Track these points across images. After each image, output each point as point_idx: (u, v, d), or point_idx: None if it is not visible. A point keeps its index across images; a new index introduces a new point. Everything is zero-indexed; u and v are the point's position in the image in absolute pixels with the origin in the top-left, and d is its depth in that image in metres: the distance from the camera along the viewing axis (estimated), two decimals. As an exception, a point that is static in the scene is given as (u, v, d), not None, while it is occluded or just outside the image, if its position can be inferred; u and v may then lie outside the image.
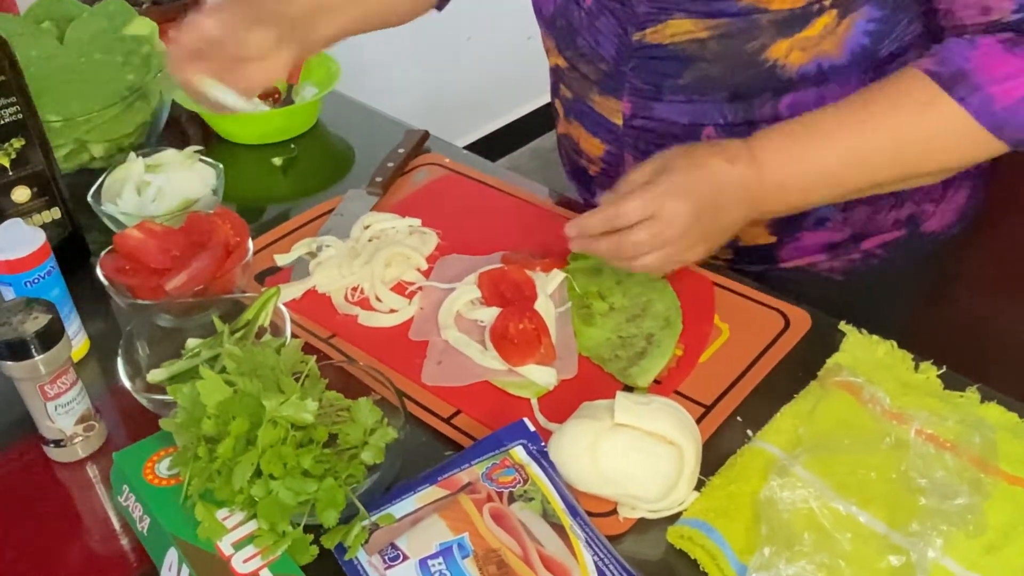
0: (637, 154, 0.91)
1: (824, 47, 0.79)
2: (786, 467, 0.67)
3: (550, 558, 0.60)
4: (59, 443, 0.73)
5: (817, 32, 0.78)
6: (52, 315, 0.68)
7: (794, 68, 0.80)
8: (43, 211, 0.90)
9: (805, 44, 0.78)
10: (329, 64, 1.21)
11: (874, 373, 0.75)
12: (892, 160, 0.74)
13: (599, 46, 0.87)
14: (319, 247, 0.93)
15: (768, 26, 0.78)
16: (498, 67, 2.53)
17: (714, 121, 0.85)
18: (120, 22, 1.13)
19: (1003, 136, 0.71)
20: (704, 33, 0.80)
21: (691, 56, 0.81)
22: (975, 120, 0.71)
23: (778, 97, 0.82)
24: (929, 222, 0.93)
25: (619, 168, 0.94)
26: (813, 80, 0.80)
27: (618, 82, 0.87)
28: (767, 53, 0.79)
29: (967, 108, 0.71)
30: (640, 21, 0.82)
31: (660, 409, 0.67)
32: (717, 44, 0.79)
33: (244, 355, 0.68)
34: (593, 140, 0.94)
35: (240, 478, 0.60)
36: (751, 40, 0.79)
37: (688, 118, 0.85)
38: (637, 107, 0.87)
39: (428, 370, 0.79)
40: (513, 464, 0.66)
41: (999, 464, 0.67)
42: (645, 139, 0.89)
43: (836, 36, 0.78)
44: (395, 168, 1.04)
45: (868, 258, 0.94)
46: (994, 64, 0.70)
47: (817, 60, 0.79)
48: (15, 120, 0.85)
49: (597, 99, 0.91)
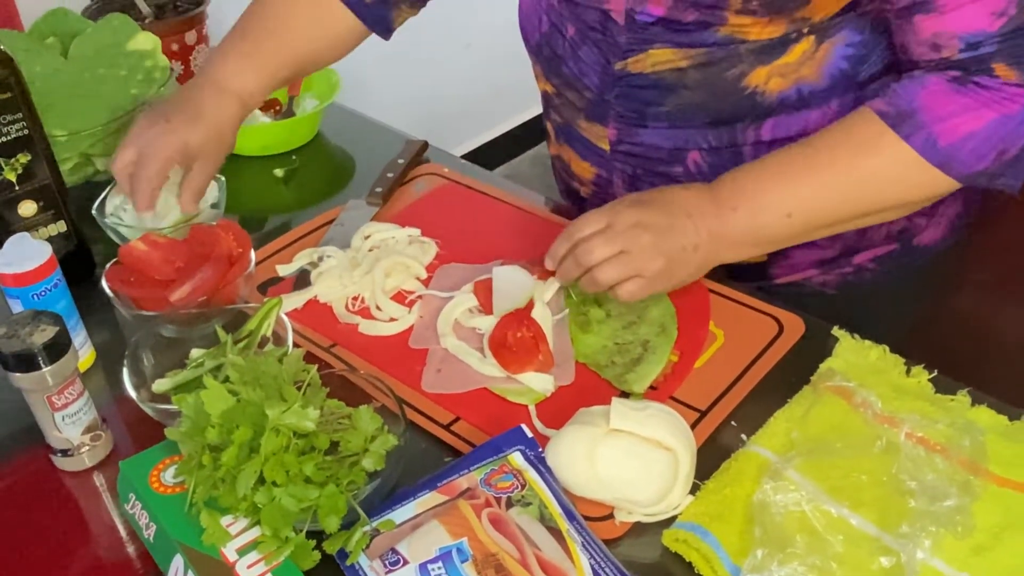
0: (626, 178, 0.92)
1: (803, 73, 0.80)
2: (779, 470, 0.68)
3: (547, 562, 0.61)
4: (66, 452, 0.74)
5: (796, 58, 0.79)
6: (59, 327, 0.69)
7: (774, 94, 0.81)
8: (49, 224, 0.91)
9: (784, 71, 0.80)
10: (330, 76, 1.23)
11: (866, 377, 0.76)
12: (846, 197, 0.76)
13: (583, 75, 0.88)
14: (320, 257, 0.94)
15: (747, 54, 0.79)
16: (497, 75, 2.55)
17: (698, 146, 0.86)
18: (123, 37, 1.14)
19: (950, 172, 0.72)
20: (684, 62, 0.81)
21: (672, 84, 0.82)
22: (922, 157, 0.72)
23: (759, 122, 0.83)
24: (922, 235, 0.94)
25: (609, 190, 0.95)
26: (793, 105, 0.81)
27: (603, 109, 0.88)
28: (747, 80, 0.80)
29: (912, 146, 0.72)
30: (621, 51, 0.83)
31: (656, 415, 0.68)
32: (697, 72, 0.81)
33: (247, 365, 0.69)
34: (583, 163, 0.96)
35: (244, 485, 0.62)
36: (730, 68, 0.80)
37: (672, 143, 0.86)
38: (622, 133, 0.88)
39: (428, 378, 0.80)
40: (511, 470, 0.67)
41: (988, 466, 0.68)
42: (632, 163, 0.90)
43: (815, 62, 0.79)
44: (395, 178, 1.06)
45: (861, 272, 0.95)
46: (939, 103, 0.71)
47: (797, 85, 0.80)
48: (21, 136, 0.86)
49: (584, 125, 0.92)
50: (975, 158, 0.72)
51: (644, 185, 0.91)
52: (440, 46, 2.37)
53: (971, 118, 0.71)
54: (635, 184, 0.92)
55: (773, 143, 0.84)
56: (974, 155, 0.71)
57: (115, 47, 1.13)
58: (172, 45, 1.30)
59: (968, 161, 0.72)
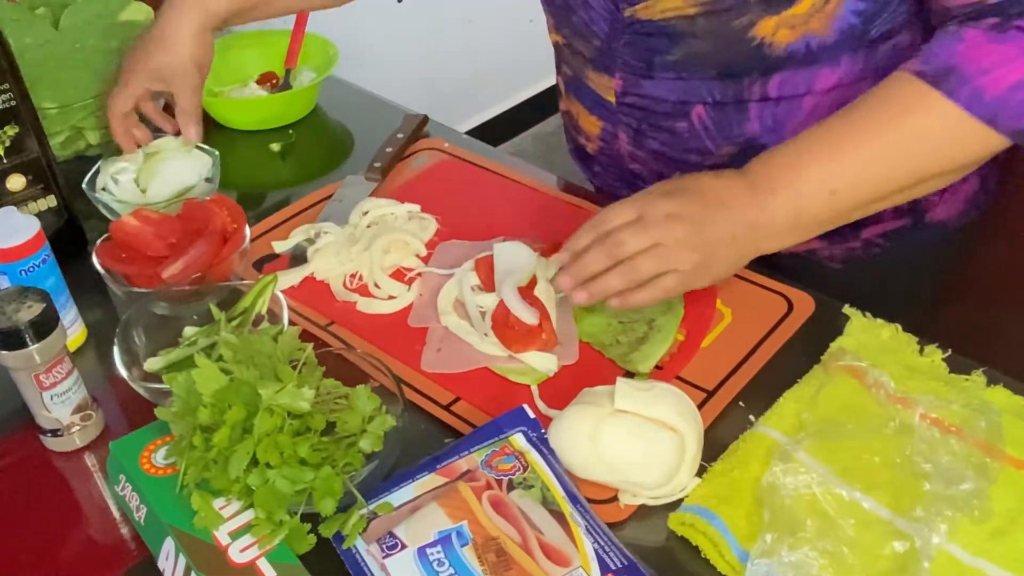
0: (630, 132, 0.90)
1: (812, 26, 0.77)
2: (789, 452, 0.66)
3: (550, 546, 0.59)
4: (56, 433, 0.72)
5: (804, 10, 0.76)
6: (46, 304, 0.67)
7: (782, 46, 0.78)
8: (39, 199, 0.89)
9: (793, 22, 0.77)
10: (327, 48, 1.20)
11: (878, 357, 0.74)
12: (893, 165, 0.72)
13: (592, 23, 0.86)
14: (317, 233, 0.92)
15: (755, 3, 0.77)
16: (500, 50, 2.51)
17: (703, 100, 0.84)
18: (115, 7, 1.12)
19: (997, 126, 0.69)
20: (693, 10, 0.79)
21: (680, 32, 0.80)
22: (968, 113, 0.69)
23: (767, 76, 0.81)
24: (934, 211, 0.91)
25: (614, 146, 0.93)
26: (802, 59, 0.79)
27: (610, 59, 0.86)
28: (754, 30, 0.78)
29: (957, 102, 0.69)
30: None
31: (661, 395, 0.66)
32: (705, 21, 0.79)
33: (241, 343, 0.67)
34: (590, 117, 0.94)
35: (236, 467, 0.60)
36: (739, 17, 0.78)
37: (677, 95, 0.85)
38: (628, 84, 0.87)
39: (427, 357, 0.79)
40: (513, 451, 0.65)
41: (1005, 448, 0.66)
42: (636, 117, 0.89)
43: (824, 15, 0.77)
44: (394, 153, 1.03)
45: (869, 247, 0.92)
46: (980, 55, 0.68)
47: (805, 39, 0.78)
48: (8, 107, 0.84)
49: (592, 76, 0.90)
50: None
51: (648, 140, 0.89)
52: (442, 21, 2.34)
53: (1016, 67, 0.67)
54: (639, 139, 0.90)
55: (780, 100, 0.82)
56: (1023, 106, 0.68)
57: (107, 18, 1.11)
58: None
59: (1018, 112, 0.68)
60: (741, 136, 0.85)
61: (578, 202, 0.96)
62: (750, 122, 0.84)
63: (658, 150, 0.90)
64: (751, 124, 0.84)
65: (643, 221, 0.72)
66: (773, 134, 0.84)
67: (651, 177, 0.93)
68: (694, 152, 0.88)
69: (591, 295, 0.73)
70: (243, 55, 1.23)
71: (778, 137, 0.84)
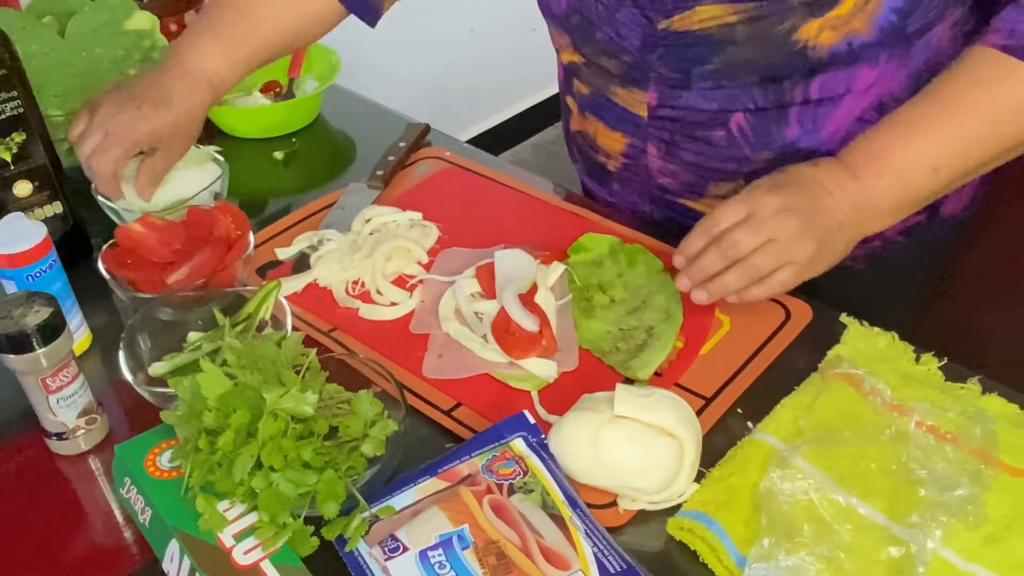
0: (662, 145, 0.90)
1: (854, 25, 0.78)
2: (786, 458, 0.67)
3: (550, 549, 0.60)
4: (61, 436, 0.73)
5: (847, 10, 0.77)
6: (53, 308, 0.68)
7: (824, 48, 0.79)
8: (45, 205, 0.90)
9: (836, 23, 0.78)
10: (330, 57, 1.21)
11: (875, 365, 0.75)
12: (992, 136, 0.74)
13: (622, 38, 0.86)
14: (320, 240, 0.93)
15: (798, 7, 0.77)
16: (501, 60, 2.53)
17: (744, 107, 0.84)
18: (121, 16, 1.13)
19: None
20: (733, 17, 0.79)
21: (720, 41, 0.80)
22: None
23: (808, 78, 0.81)
24: (946, 205, 0.93)
25: (641, 161, 0.93)
26: (843, 59, 0.80)
27: (643, 72, 0.86)
28: (798, 34, 0.78)
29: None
30: (667, 9, 0.82)
31: (660, 401, 0.67)
32: (747, 27, 0.79)
33: (245, 348, 0.68)
34: (613, 135, 0.94)
35: (241, 470, 0.61)
36: (781, 22, 0.78)
37: (717, 104, 0.84)
38: (663, 96, 0.86)
39: (429, 363, 0.79)
40: (513, 456, 0.66)
41: (1000, 456, 0.67)
42: (671, 129, 0.88)
43: (865, 13, 0.77)
44: (396, 162, 1.04)
45: (889, 245, 0.93)
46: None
47: (847, 39, 0.79)
48: (16, 114, 0.85)
49: (620, 92, 0.90)
50: None
51: (682, 152, 0.89)
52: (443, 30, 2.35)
53: None
54: (672, 151, 0.90)
55: (821, 102, 0.82)
56: None
57: (113, 26, 1.12)
58: (171, 25, 1.28)
59: None
60: (780, 141, 0.85)
61: (578, 210, 0.97)
62: (789, 126, 0.84)
63: (692, 161, 0.89)
64: (790, 128, 0.84)
65: (754, 218, 0.73)
66: (811, 136, 0.85)
67: (681, 190, 0.93)
68: (731, 160, 0.88)
69: (711, 294, 0.76)
70: (247, 64, 1.23)
71: (817, 140, 0.85)
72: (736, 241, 0.73)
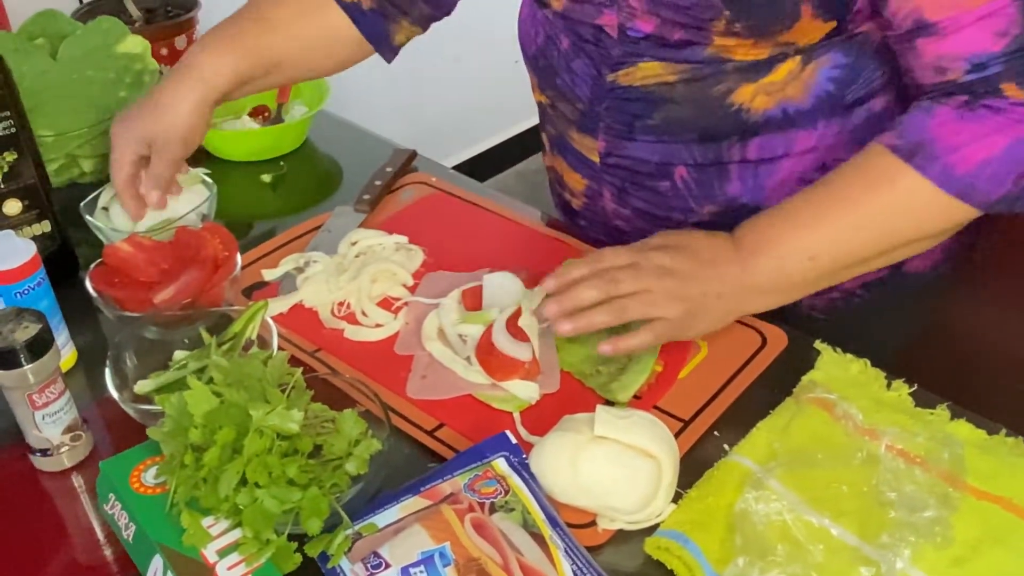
0: (614, 191, 0.92)
1: (788, 92, 0.80)
2: (761, 480, 0.68)
3: (530, 567, 0.61)
4: (45, 452, 0.73)
5: (781, 78, 0.80)
6: (42, 325, 0.69)
7: (759, 112, 0.81)
8: (33, 224, 0.91)
9: (769, 88, 0.80)
10: (319, 84, 1.23)
11: (847, 390, 0.76)
12: (866, 234, 0.75)
13: (575, 87, 0.89)
14: (307, 262, 0.94)
15: (733, 71, 0.80)
16: (486, 89, 2.56)
17: (684, 161, 0.86)
18: (113, 39, 1.14)
19: (971, 201, 0.72)
20: (672, 77, 0.82)
21: (661, 98, 0.83)
22: (939, 188, 0.72)
23: (746, 139, 0.83)
24: (912, 262, 0.92)
25: (599, 203, 0.95)
26: (779, 124, 0.82)
27: (593, 121, 0.89)
28: (732, 97, 0.81)
29: (929, 177, 0.72)
30: (613, 63, 0.84)
31: (639, 423, 0.68)
32: (685, 87, 0.82)
33: (231, 366, 0.69)
34: (575, 175, 0.96)
35: (226, 486, 0.61)
36: (716, 84, 0.81)
37: (659, 157, 0.87)
38: (611, 145, 0.89)
39: (413, 384, 0.80)
40: (495, 475, 0.67)
41: (967, 479, 0.69)
42: (620, 176, 0.91)
43: (800, 82, 0.80)
44: (382, 186, 1.06)
45: (850, 298, 0.95)
46: (951, 132, 0.71)
47: (782, 105, 0.81)
48: (8, 134, 0.86)
49: (576, 137, 0.93)
50: (994, 184, 0.71)
51: (632, 198, 0.92)
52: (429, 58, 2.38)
53: (985, 145, 0.70)
54: (623, 197, 0.92)
55: (759, 163, 0.85)
56: (993, 181, 0.71)
57: (104, 49, 1.13)
58: (162, 50, 1.30)
59: (987, 188, 0.71)
60: (723, 196, 0.88)
61: (561, 236, 0.99)
62: (731, 183, 0.86)
63: (642, 208, 0.92)
64: (732, 185, 0.87)
65: (637, 267, 0.76)
66: (754, 194, 0.87)
67: (636, 234, 0.93)
68: (677, 211, 0.90)
69: (576, 328, 0.76)
70: (236, 88, 1.25)
71: (759, 197, 0.87)
72: (618, 279, 0.75)
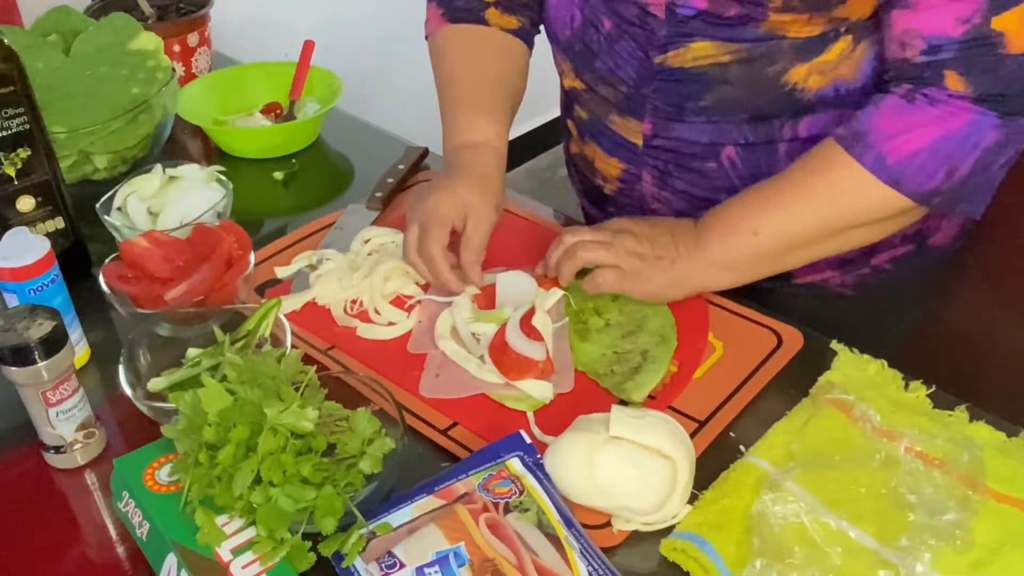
0: (656, 173, 0.92)
1: (841, 71, 0.81)
2: (778, 482, 0.68)
3: (545, 568, 0.60)
4: (59, 449, 0.73)
5: (834, 57, 0.80)
6: (56, 322, 0.69)
7: (812, 91, 0.82)
8: (47, 221, 0.91)
9: (823, 68, 0.81)
10: (332, 81, 1.23)
11: (865, 391, 0.76)
12: (805, 214, 0.78)
13: (619, 69, 0.89)
14: (319, 260, 0.94)
15: (788, 51, 0.80)
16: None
17: (735, 141, 0.87)
18: (126, 36, 1.14)
19: (901, 189, 0.74)
20: (726, 57, 0.82)
21: (713, 79, 0.83)
22: (874, 176, 0.74)
23: (797, 118, 0.84)
24: (935, 236, 0.95)
25: (636, 186, 0.95)
26: (831, 102, 0.83)
27: (639, 104, 0.89)
28: (787, 77, 0.81)
29: (863, 164, 0.75)
30: (661, 44, 0.84)
31: (654, 423, 0.68)
32: (738, 68, 0.82)
33: (245, 364, 0.69)
34: (610, 160, 0.96)
35: (240, 485, 0.61)
36: (771, 64, 0.81)
37: (709, 138, 0.87)
38: (658, 128, 0.89)
39: (426, 382, 0.80)
40: (509, 475, 0.67)
41: (987, 482, 0.68)
42: (664, 158, 0.91)
43: (851, 60, 0.80)
44: (395, 184, 1.05)
45: (878, 273, 0.96)
46: (889, 122, 0.74)
47: (835, 83, 0.82)
48: (22, 130, 0.86)
49: (617, 120, 0.92)
50: (924, 176, 0.73)
51: (675, 180, 0.92)
52: (440, 57, 2.37)
53: (917, 135, 0.73)
54: (665, 179, 0.92)
55: (808, 140, 0.85)
56: (922, 172, 0.73)
57: (117, 46, 1.13)
58: (174, 47, 1.30)
59: (917, 178, 0.74)
60: (770, 173, 0.87)
61: (574, 235, 0.98)
62: (779, 161, 0.87)
63: (684, 190, 0.92)
64: (780, 163, 0.87)
65: (601, 231, 0.85)
66: None
67: (672, 216, 0.95)
68: (722, 191, 0.90)
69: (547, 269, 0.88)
70: (249, 85, 1.25)
71: None
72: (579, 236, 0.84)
